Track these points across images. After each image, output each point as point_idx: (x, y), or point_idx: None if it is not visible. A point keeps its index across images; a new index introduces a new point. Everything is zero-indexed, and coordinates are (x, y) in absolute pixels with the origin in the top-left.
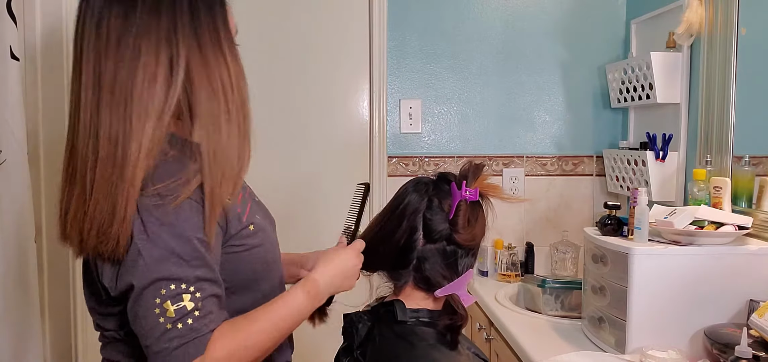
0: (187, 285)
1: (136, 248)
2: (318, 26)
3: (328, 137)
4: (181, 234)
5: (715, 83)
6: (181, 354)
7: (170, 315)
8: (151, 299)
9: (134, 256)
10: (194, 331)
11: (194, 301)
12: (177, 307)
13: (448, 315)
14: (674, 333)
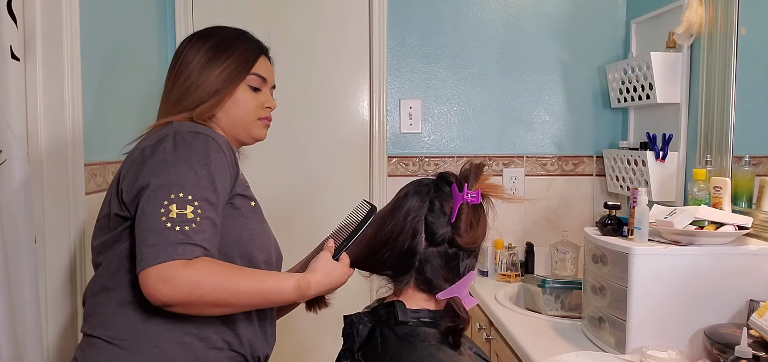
0: (193, 197)
1: (163, 157)
2: (318, 26)
3: (328, 137)
4: (203, 161)
5: (715, 83)
6: (169, 252)
7: (172, 216)
8: (160, 198)
9: (159, 161)
10: (186, 237)
11: (195, 214)
12: (179, 212)
13: (450, 317)
14: (674, 333)
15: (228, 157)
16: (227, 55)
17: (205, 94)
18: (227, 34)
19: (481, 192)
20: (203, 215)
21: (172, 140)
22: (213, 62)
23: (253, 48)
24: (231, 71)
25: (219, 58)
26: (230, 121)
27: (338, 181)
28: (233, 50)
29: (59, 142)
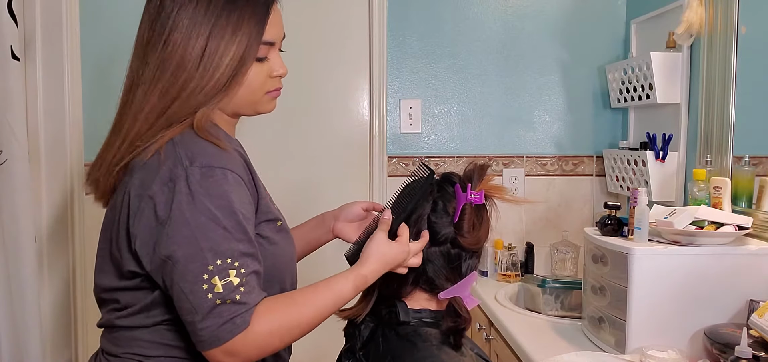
0: (233, 260)
1: (182, 216)
2: (318, 26)
3: (328, 137)
4: (228, 209)
5: (715, 83)
6: (229, 329)
7: (218, 291)
8: (198, 274)
9: (179, 224)
10: (241, 306)
11: (240, 277)
12: (225, 283)
13: (451, 317)
14: (674, 333)
15: (248, 185)
16: (235, 18)
17: (210, 91)
18: None
19: (485, 193)
20: (247, 271)
21: (186, 186)
22: (216, 35)
23: (261, 1)
24: (242, 49)
25: (224, 26)
26: (233, 103)
27: (338, 181)
28: (239, 9)
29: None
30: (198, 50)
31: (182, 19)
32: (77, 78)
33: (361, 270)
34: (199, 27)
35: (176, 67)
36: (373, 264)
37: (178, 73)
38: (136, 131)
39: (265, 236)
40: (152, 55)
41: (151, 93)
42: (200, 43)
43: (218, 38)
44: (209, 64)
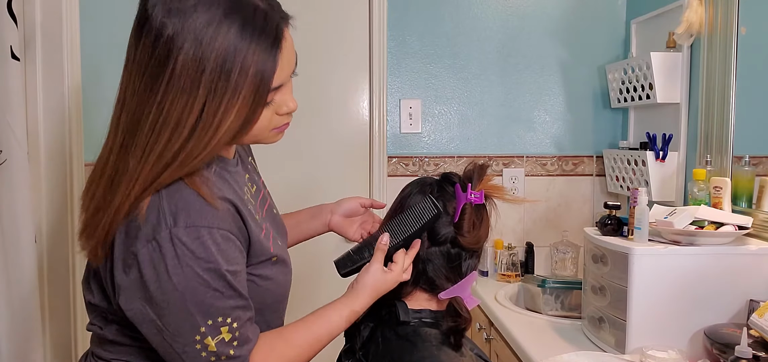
0: (224, 317)
1: (170, 283)
2: (318, 26)
3: (328, 137)
4: (217, 272)
5: (715, 83)
6: None
7: (212, 350)
8: (190, 337)
9: (168, 289)
10: (236, 360)
11: (232, 331)
12: (217, 341)
13: (451, 317)
14: (674, 333)
15: (238, 235)
16: (237, 74)
17: (209, 154)
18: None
19: (485, 192)
20: (240, 324)
21: (172, 248)
22: (215, 96)
23: (272, 36)
24: (247, 109)
25: (224, 85)
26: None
27: (338, 181)
28: (242, 61)
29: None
30: (195, 115)
31: (177, 74)
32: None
33: (355, 306)
34: (197, 88)
35: (171, 132)
36: (366, 298)
37: (173, 139)
38: (130, 203)
39: (259, 274)
40: (145, 112)
41: (144, 163)
42: (197, 105)
43: (218, 99)
44: (208, 128)
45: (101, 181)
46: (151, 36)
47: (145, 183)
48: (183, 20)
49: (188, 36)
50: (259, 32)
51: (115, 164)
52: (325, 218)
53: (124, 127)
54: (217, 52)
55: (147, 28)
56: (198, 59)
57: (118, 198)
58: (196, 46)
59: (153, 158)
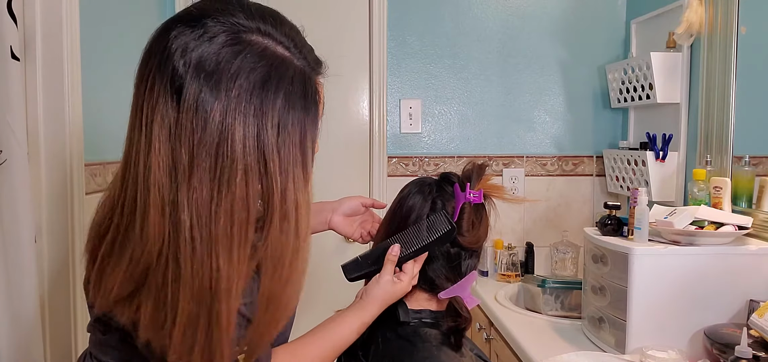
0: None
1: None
2: (318, 26)
3: (328, 137)
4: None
5: (715, 83)
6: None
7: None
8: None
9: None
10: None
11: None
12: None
13: (451, 316)
14: (674, 333)
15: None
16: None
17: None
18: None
19: (484, 192)
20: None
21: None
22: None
23: (312, 94)
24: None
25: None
26: None
27: (338, 181)
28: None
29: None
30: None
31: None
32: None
33: (364, 318)
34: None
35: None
36: (376, 308)
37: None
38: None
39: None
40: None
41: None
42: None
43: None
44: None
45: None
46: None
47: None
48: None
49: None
50: (302, 100)
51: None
52: (326, 216)
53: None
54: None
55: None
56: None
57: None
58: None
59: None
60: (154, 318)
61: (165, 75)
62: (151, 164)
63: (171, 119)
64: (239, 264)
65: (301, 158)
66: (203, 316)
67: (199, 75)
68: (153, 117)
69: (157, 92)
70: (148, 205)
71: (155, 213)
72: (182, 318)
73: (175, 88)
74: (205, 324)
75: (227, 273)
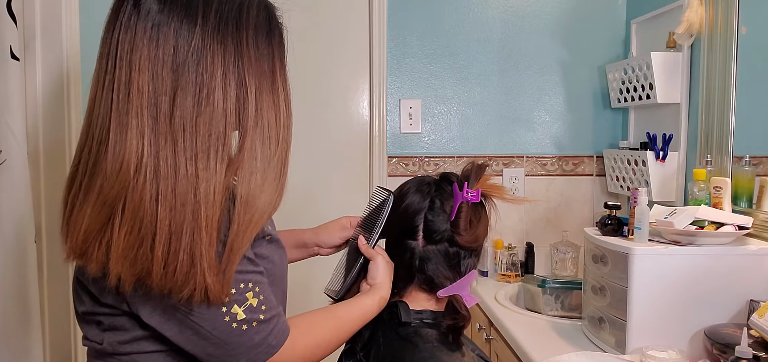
0: (245, 283)
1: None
2: (318, 26)
3: (328, 137)
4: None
5: (715, 83)
6: (265, 350)
7: (241, 318)
8: (215, 308)
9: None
10: (271, 321)
11: (256, 296)
12: (245, 308)
13: (450, 315)
14: (674, 333)
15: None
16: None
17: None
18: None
19: (482, 191)
20: (263, 288)
21: None
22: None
23: (276, 21)
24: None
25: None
26: None
27: (338, 181)
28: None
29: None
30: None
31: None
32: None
33: (382, 291)
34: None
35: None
36: (386, 287)
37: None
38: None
39: (257, 254)
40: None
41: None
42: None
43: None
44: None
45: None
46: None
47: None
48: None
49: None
50: (268, 25)
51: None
52: (311, 249)
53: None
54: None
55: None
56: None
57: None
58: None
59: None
60: (128, 244)
61: (139, 12)
62: (133, 82)
63: (150, 42)
64: (217, 172)
65: (270, 75)
66: (187, 227)
67: (172, 3)
68: (131, 45)
69: (133, 22)
70: (125, 124)
71: (135, 126)
72: (163, 233)
73: (151, 20)
74: (189, 233)
75: (206, 179)
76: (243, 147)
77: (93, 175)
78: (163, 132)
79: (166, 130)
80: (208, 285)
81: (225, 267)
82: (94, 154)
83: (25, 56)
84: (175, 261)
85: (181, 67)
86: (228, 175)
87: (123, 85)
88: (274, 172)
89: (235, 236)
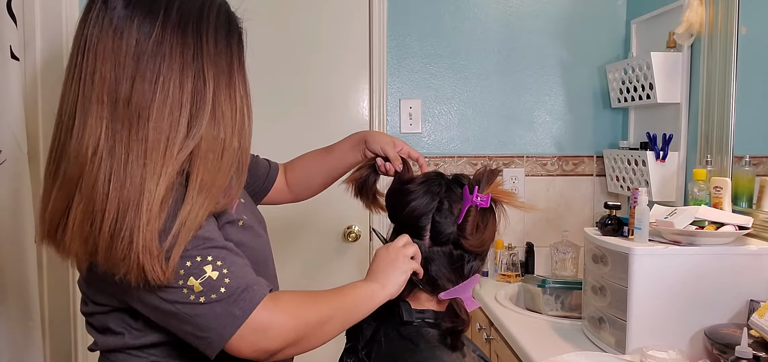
0: (204, 257)
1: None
2: (318, 26)
3: (328, 137)
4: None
5: (715, 83)
6: (230, 321)
7: (198, 290)
8: (172, 288)
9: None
10: (233, 295)
11: (217, 269)
12: (203, 281)
13: (449, 318)
14: (674, 333)
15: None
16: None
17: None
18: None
19: (493, 197)
20: (227, 263)
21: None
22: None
23: (235, 22)
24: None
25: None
26: None
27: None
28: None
29: None
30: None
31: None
32: None
33: (376, 285)
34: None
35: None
36: (381, 278)
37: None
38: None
39: (230, 240)
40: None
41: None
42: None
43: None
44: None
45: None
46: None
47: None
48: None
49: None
50: (227, 26)
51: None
52: (363, 152)
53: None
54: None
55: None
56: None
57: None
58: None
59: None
60: (81, 222)
61: (107, 8)
62: (96, 71)
63: (114, 34)
64: (167, 156)
65: (228, 71)
66: (131, 206)
67: (137, 2)
68: (98, 38)
69: (100, 18)
70: (88, 110)
71: (95, 112)
72: (111, 212)
73: (117, 16)
74: (132, 213)
75: (155, 161)
76: (198, 134)
77: (60, 160)
78: (120, 117)
79: (124, 115)
80: (145, 266)
81: (170, 247)
82: (62, 142)
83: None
84: (117, 239)
85: (142, 57)
86: (179, 159)
87: (88, 75)
88: (229, 160)
89: (186, 215)
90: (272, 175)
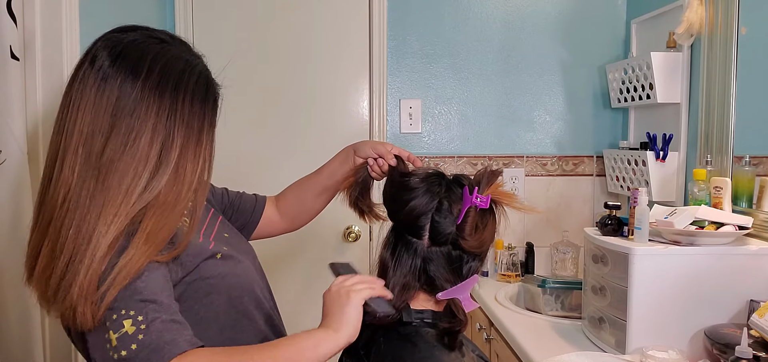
0: (127, 310)
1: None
2: (318, 26)
3: (328, 137)
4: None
5: (715, 83)
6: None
7: (113, 345)
8: (100, 336)
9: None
10: (141, 353)
11: (136, 325)
12: (119, 335)
13: (447, 318)
14: (674, 333)
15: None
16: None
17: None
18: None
19: (493, 198)
20: (148, 320)
21: None
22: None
23: (213, 89)
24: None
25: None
26: None
27: None
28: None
29: None
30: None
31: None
32: None
33: (324, 333)
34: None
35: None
36: (334, 322)
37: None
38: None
39: (210, 274)
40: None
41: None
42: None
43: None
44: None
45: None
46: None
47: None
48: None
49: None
50: (204, 92)
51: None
52: (352, 161)
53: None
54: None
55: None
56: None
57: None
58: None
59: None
60: (45, 267)
61: (93, 67)
62: (76, 123)
63: (97, 90)
64: (123, 204)
65: (197, 134)
66: (82, 250)
67: (122, 61)
68: (81, 94)
69: (86, 75)
70: (64, 160)
71: (70, 162)
72: (67, 255)
73: (101, 73)
74: (80, 257)
75: (109, 211)
76: (157, 189)
77: (41, 205)
78: (92, 168)
79: (95, 166)
80: (77, 308)
81: (105, 291)
82: (44, 188)
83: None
84: (64, 281)
85: (120, 113)
86: (133, 210)
87: (69, 126)
88: (180, 212)
89: (126, 262)
90: (259, 207)
